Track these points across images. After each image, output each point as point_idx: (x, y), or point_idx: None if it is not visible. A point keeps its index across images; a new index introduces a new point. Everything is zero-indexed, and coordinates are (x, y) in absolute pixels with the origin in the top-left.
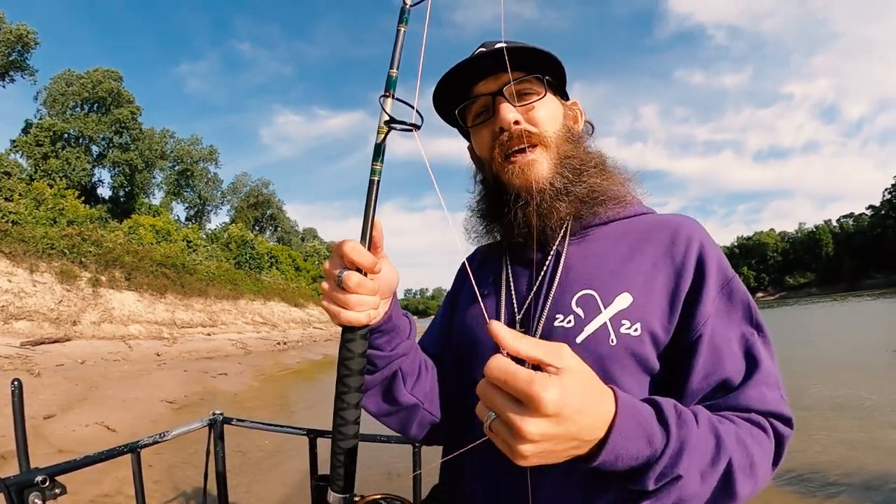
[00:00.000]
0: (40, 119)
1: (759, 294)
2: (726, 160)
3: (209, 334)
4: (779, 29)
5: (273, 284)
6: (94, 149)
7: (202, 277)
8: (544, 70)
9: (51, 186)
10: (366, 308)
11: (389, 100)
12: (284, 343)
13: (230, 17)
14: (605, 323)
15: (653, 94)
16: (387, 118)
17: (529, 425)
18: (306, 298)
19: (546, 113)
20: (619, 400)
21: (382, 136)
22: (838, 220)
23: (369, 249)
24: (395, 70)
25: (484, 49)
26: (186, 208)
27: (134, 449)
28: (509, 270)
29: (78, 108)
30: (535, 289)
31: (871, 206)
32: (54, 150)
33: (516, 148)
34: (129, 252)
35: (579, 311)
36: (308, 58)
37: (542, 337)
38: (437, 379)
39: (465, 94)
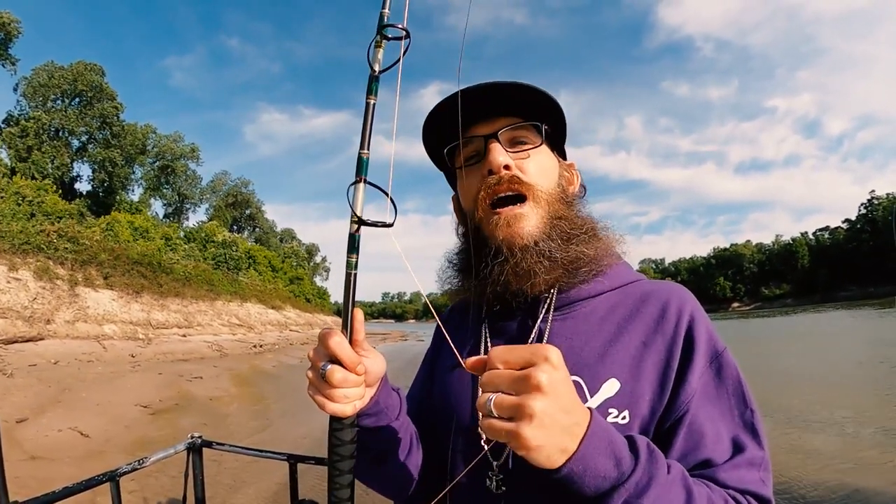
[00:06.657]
0: (20, 110)
1: (735, 304)
2: (708, 171)
3: (185, 336)
4: (766, 43)
5: (250, 286)
6: (75, 143)
7: (178, 277)
8: (544, 119)
9: (34, 178)
10: (351, 400)
11: (361, 187)
12: (261, 346)
13: (221, 12)
14: None
15: (638, 103)
16: (355, 218)
17: (533, 400)
18: (283, 300)
19: (539, 165)
20: (593, 415)
21: (356, 226)
22: (814, 233)
23: (351, 344)
24: (366, 150)
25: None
26: (165, 205)
27: (113, 477)
28: (488, 343)
29: (59, 101)
30: None
31: (847, 220)
32: (38, 143)
33: (504, 194)
34: (105, 250)
35: None
36: (297, 56)
37: None
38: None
39: (457, 135)
